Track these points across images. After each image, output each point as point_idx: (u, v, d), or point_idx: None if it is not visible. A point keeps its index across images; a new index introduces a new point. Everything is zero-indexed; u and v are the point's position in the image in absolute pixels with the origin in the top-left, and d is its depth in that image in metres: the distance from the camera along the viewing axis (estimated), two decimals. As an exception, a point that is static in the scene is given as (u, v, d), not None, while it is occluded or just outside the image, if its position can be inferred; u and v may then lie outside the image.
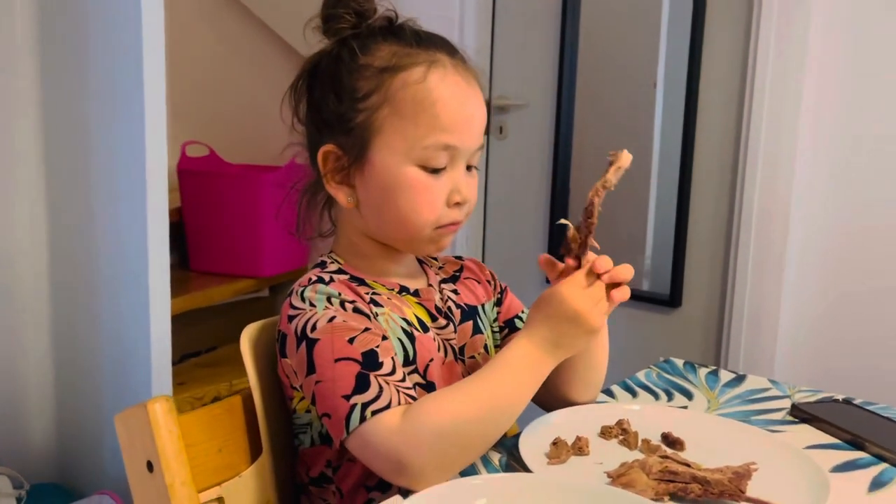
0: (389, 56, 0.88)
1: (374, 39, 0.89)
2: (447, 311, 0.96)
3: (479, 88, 0.92)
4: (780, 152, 1.91)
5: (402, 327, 0.89)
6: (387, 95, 0.86)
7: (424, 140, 0.86)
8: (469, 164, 0.91)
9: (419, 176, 0.87)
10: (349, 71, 0.88)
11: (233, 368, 2.09)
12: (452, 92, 0.87)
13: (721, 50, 2.01)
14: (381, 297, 0.90)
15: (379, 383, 0.79)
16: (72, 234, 1.71)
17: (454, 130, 0.87)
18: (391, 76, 0.87)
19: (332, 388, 0.80)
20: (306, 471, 0.91)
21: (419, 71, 0.87)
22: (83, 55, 1.62)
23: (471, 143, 0.89)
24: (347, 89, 0.88)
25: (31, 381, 1.75)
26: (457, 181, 0.89)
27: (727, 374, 1.17)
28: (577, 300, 0.83)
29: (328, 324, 0.82)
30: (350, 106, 0.88)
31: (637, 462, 0.81)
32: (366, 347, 0.81)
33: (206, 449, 0.84)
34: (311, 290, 0.86)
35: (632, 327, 2.17)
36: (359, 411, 0.78)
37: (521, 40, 2.34)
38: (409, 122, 0.86)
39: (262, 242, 2.18)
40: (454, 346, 0.94)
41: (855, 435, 0.95)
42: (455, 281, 1.01)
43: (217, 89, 2.57)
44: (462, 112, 0.88)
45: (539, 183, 2.34)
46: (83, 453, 1.75)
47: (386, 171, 0.87)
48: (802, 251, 1.93)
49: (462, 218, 0.91)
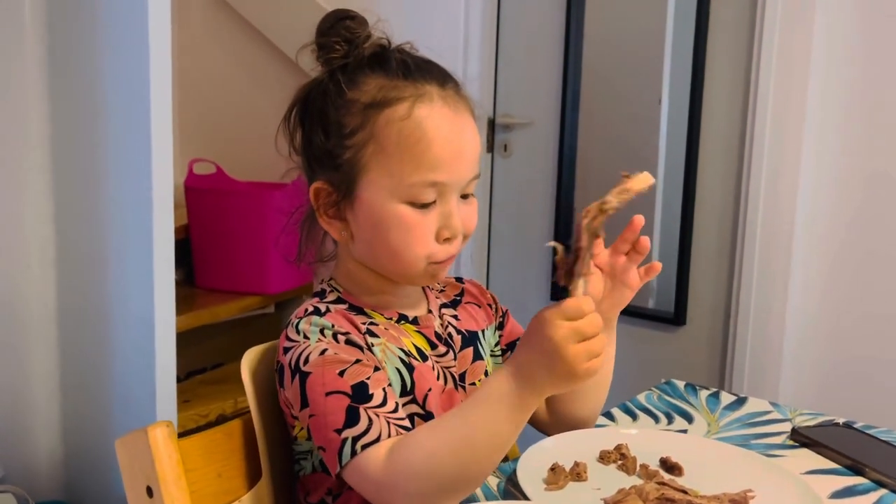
0: (376, 90, 0.86)
1: (362, 72, 0.87)
2: (447, 338, 0.95)
3: (471, 116, 0.89)
4: (784, 169, 1.91)
5: (399, 357, 0.88)
6: (372, 132, 0.85)
7: (410, 178, 0.84)
8: (465, 193, 0.89)
9: (407, 212, 0.85)
10: (336, 106, 0.87)
11: (238, 386, 2.06)
12: (438, 126, 0.85)
13: (724, 65, 2.02)
14: (378, 327, 0.90)
15: (369, 416, 0.79)
16: (78, 252, 1.72)
17: (440, 167, 0.85)
18: (377, 112, 0.85)
19: (324, 422, 0.80)
20: (306, 496, 0.91)
21: (404, 107, 0.85)
22: (91, 73, 1.64)
23: (460, 176, 0.87)
24: (334, 125, 0.87)
25: (38, 399, 1.76)
26: (447, 215, 0.87)
27: (728, 396, 1.17)
28: (557, 332, 0.72)
29: (320, 357, 0.82)
30: (337, 142, 0.87)
31: (634, 489, 0.81)
32: (356, 380, 0.81)
33: (206, 474, 0.85)
34: (306, 322, 0.86)
35: (636, 346, 2.17)
36: (349, 445, 0.78)
37: (525, 58, 2.35)
38: (394, 160, 0.85)
39: (269, 259, 2.19)
40: (454, 374, 0.94)
41: (854, 460, 0.95)
42: (456, 306, 1.01)
43: (224, 107, 2.59)
44: (448, 148, 0.85)
45: (543, 201, 2.34)
46: (89, 471, 1.76)
47: (374, 208, 0.86)
48: (807, 270, 1.93)
49: (456, 251, 0.89)
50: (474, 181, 0.90)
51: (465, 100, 0.90)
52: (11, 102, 1.68)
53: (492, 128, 2.40)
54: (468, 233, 0.91)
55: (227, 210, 2.19)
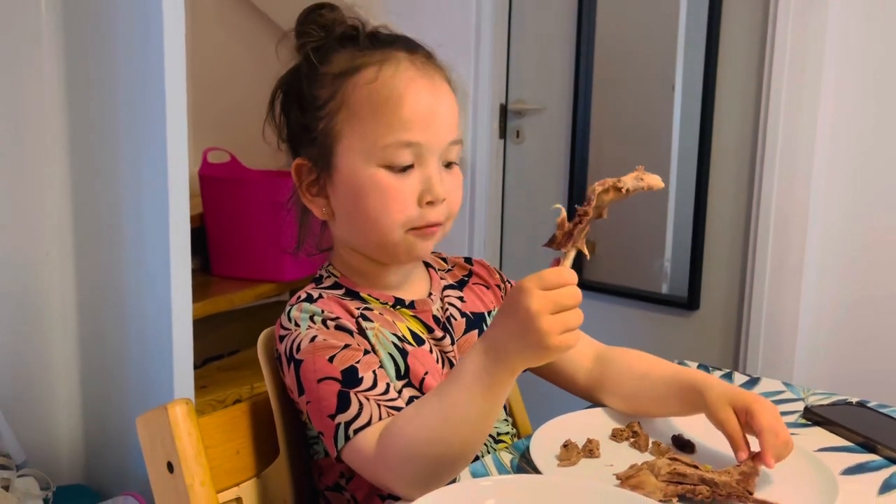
0: (345, 62, 0.88)
1: (333, 49, 0.89)
2: (445, 322, 0.95)
3: (445, 82, 0.89)
4: (797, 154, 1.90)
5: (393, 342, 0.88)
6: (343, 99, 0.86)
7: (384, 139, 0.84)
8: (448, 160, 0.88)
9: (384, 176, 0.85)
10: (309, 83, 0.89)
11: (254, 372, 2.12)
12: (407, 85, 0.85)
13: (738, 51, 2.01)
14: (372, 312, 0.90)
15: (359, 400, 0.80)
16: (96, 240, 1.74)
17: (413, 126, 0.84)
18: (346, 80, 0.87)
19: (319, 408, 0.81)
20: (321, 478, 0.92)
21: (372, 70, 0.86)
22: (106, 64, 1.65)
23: (437, 138, 0.86)
24: (308, 99, 0.89)
25: (58, 385, 1.79)
26: (429, 179, 0.86)
27: (741, 376, 1.17)
28: (533, 301, 0.69)
29: (310, 344, 0.83)
30: (312, 115, 0.88)
31: (646, 464, 0.82)
32: (345, 365, 0.81)
33: (225, 451, 0.86)
34: (297, 309, 0.87)
35: (650, 330, 2.17)
36: (343, 430, 0.79)
37: (537, 43, 2.35)
38: (366, 123, 0.85)
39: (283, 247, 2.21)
40: (451, 359, 0.94)
41: (867, 438, 0.95)
42: (462, 286, 1.00)
43: (237, 96, 2.60)
44: (419, 106, 0.85)
45: (556, 187, 2.35)
46: (108, 455, 1.79)
47: (351, 175, 0.86)
48: (821, 253, 1.92)
49: (440, 219, 0.87)
50: (455, 147, 0.89)
51: (438, 67, 0.90)
52: (30, 93, 1.70)
53: (504, 114, 2.40)
54: (453, 207, 0.89)
55: (242, 198, 2.21)
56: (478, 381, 0.73)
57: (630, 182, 0.72)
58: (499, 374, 0.72)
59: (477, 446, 0.77)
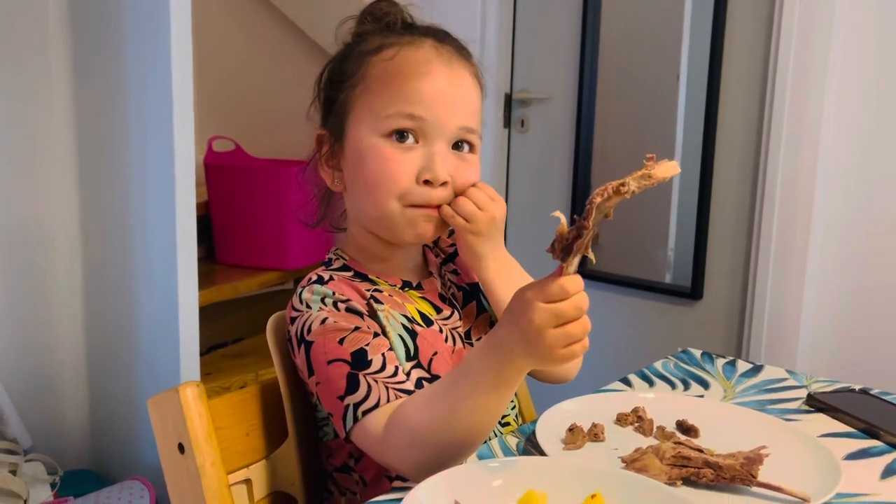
0: (376, 42, 0.91)
1: (373, 34, 0.92)
2: (451, 298, 0.97)
3: (468, 73, 0.90)
4: (802, 144, 1.90)
5: (402, 324, 0.89)
6: (363, 74, 0.89)
7: (387, 109, 0.86)
8: (459, 142, 0.88)
9: (385, 146, 0.87)
10: (342, 60, 0.92)
11: (259, 359, 2.13)
12: (421, 64, 0.87)
13: (743, 40, 2.01)
14: (382, 294, 0.91)
15: (368, 382, 0.81)
16: (103, 228, 1.75)
17: (419, 101, 0.86)
18: (370, 57, 0.89)
19: (328, 389, 0.82)
20: (330, 459, 0.93)
21: (393, 50, 0.89)
22: (113, 53, 1.66)
23: (445, 117, 0.86)
24: (337, 74, 0.92)
25: (65, 370, 1.80)
26: (431, 158, 0.86)
27: (745, 364, 1.18)
28: (536, 315, 0.69)
29: (321, 326, 0.84)
30: (337, 88, 0.91)
31: (651, 448, 0.83)
32: (355, 347, 0.82)
33: (235, 432, 0.87)
34: (308, 291, 0.88)
35: (653, 319, 2.18)
36: (351, 412, 0.80)
37: (542, 33, 2.35)
38: (374, 95, 0.88)
39: (288, 235, 2.22)
40: (460, 334, 0.95)
41: (869, 424, 0.95)
42: (453, 259, 1.02)
43: (242, 85, 2.61)
44: (430, 85, 0.86)
45: (561, 176, 2.35)
46: (116, 440, 1.80)
47: (356, 144, 0.89)
48: (825, 243, 1.93)
49: (435, 200, 0.87)
50: (471, 135, 0.89)
51: (465, 60, 0.91)
52: (37, 83, 1.71)
53: (508, 103, 2.40)
54: (459, 188, 0.89)
55: (247, 186, 2.22)
56: (486, 376, 0.74)
57: (634, 185, 0.68)
58: (506, 373, 0.73)
59: (483, 437, 0.78)
